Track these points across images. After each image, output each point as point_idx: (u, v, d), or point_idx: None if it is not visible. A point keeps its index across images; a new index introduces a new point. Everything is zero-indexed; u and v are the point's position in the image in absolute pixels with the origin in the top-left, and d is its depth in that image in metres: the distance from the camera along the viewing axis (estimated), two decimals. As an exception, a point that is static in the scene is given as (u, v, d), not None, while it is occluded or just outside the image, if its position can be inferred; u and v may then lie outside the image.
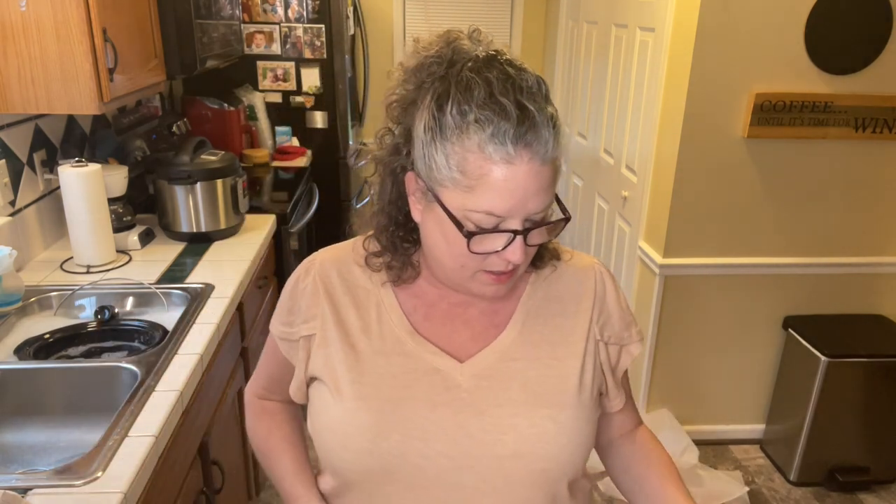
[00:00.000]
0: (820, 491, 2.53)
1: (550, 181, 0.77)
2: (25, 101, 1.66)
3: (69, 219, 1.85)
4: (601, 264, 0.98)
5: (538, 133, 0.73)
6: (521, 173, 0.74)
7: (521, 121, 0.73)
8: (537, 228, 0.79)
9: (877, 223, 2.50)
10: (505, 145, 0.73)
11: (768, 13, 2.18)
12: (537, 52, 4.43)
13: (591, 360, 0.92)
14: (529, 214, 0.77)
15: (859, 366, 2.39)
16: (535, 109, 0.73)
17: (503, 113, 0.73)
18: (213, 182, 2.13)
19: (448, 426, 0.84)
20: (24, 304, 1.66)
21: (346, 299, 0.91)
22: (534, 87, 0.75)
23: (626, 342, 0.96)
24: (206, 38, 2.37)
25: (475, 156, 0.74)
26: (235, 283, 1.85)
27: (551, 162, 0.76)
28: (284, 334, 0.95)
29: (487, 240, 0.78)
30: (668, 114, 2.42)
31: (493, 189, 0.74)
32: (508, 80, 0.74)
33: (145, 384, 1.35)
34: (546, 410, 0.86)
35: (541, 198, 0.76)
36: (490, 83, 0.74)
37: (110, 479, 1.09)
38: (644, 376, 2.67)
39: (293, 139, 3.47)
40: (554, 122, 0.75)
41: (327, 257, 0.96)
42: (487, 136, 0.73)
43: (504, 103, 0.73)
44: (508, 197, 0.75)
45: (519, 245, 0.78)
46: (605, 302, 0.95)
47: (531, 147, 0.73)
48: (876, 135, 2.34)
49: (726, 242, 2.48)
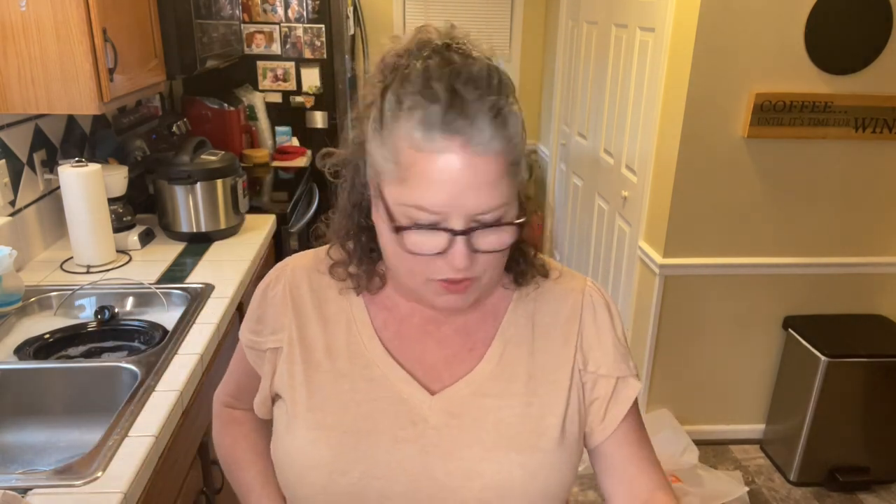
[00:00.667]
0: (820, 491, 2.53)
1: (495, 176, 0.69)
2: (25, 101, 1.66)
3: (69, 219, 1.85)
4: (595, 287, 0.89)
5: (471, 120, 0.67)
6: (452, 163, 0.67)
7: (449, 105, 0.66)
8: (485, 230, 0.71)
9: (877, 223, 2.50)
10: (432, 131, 0.67)
11: (768, 13, 2.18)
12: (537, 52, 4.43)
13: (576, 395, 0.84)
14: (473, 213, 0.69)
15: (859, 366, 2.39)
16: (470, 96, 0.67)
17: (433, 98, 0.67)
18: (213, 182, 2.13)
19: (411, 466, 0.78)
20: (24, 304, 1.66)
21: (315, 313, 0.86)
22: (479, 74, 0.68)
23: (623, 374, 0.86)
24: (206, 38, 2.37)
25: (405, 143, 0.68)
26: (235, 283, 1.85)
27: (495, 155, 0.68)
28: (252, 343, 0.91)
29: (426, 240, 0.71)
30: (668, 114, 2.42)
31: (422, 180, 0.68)
32: (447, 66, 0.68)
33: (145, 384, 1.35)
34: (517, 456, 0.78)
35: (482, 195, 0.68)
36: (428, 69, 0.69)
37: (110, 479, 1.09)
38: (644, 376, 2.67)
39: (293, 139, 3.47)
40: (497, 112, 0.68)
41: (299, 265, 0.90)
42: (416, 122, 0.67)
43: (436, 89, 0.67)
44: (438, 190, 0.68)
45: (460, 248, 0.70)
46: (594, 328, 0.86)
47: (462, 134, 0.66)
48: (876, 135, 2.34)
49: (726, 242, 2.48)
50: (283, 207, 2.59)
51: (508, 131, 0.69)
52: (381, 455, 0.79)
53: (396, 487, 0.78)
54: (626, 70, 2.80)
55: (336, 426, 0.80)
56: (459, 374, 0.82)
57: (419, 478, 0.78)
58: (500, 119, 0.68)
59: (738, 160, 2.37)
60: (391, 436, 0.79)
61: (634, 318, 2.72)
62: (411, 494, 0.78)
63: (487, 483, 0.78)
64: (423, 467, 0.78)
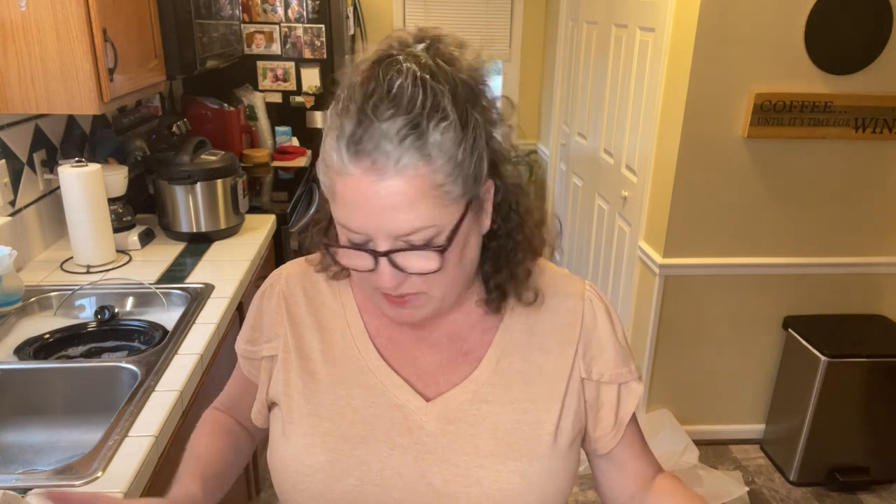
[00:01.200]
0: (820, 491, 2.53)
1: (412, 198, 0.66)
2: (25, 101, 1.66)
3: (69, 219, 1.85)
4: (593, 290, 0.87)
5: (376, 142, 0.65)
6: (361, 186, 0.66)
7: (356, 127, 0.66)
8: (407, 252, 0.69)
9: (877, 223, 2.50)
10: (340, 153, 0.67)
11: (768, 13, 2.18)
12: (537, 52, 4.43)
13: (573, 401, 0.83)
14: (393, 234, 0.68)
15: (859, 366, 2.39)
16: (379, 117, 0.65)
17: (346, 118, 0.67)
18: (213, 182, 2.13)
19: (407, 472, 0.77)
20: (24, 304, 1.66)
21: (310, 320, 0.86)
22: (398, 92, 0.65)
23: (626, 379, 0.85)
24: (206, 38, 2.37)
25: (327, 164, 0.70)
26: (235, 283, 1.85)
27: (407, 177, 0.65)
28: (247, 352, 0.91)
29: (354, 258, 0.72)
30: (668, 114, 2.42)
31: (342, 202, 0.69)
32: (370, 82, 0.67)
33: (145, 384, 1.35)
34: (514, 463, 0.78)
35: (398, 217, 0.66)
36: (352, 87, 0.68)
37: (110, 479, 1.09)
38: (644, 376, 2.67)
39: (293, 139, 3.47)
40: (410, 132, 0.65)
41: (294, 272, 0.90)
42: (332, 143, 0.68)
43: (350, 109, 0.66)
44: (353, 211, 0.68)
45: (385, 268, 0.69)
46: (594, 334, 0.85)
47: (368, 156, 0.65)
48: (876, 135, 2.34)
49: (726, 242, 2.48)
50: (283, 207, 2.59)
51: (427, 151, 0.65)
52: (377, 462, 0.78)
53: (393, 494, 0.77)
54: (626, 70, 2.80)
55: (332, 432, 0.79)
56: (455, 380, 0.82)
57: (416, 485, 0.77)
58: (415, 139, 0.65)
59: (738, 160, 2.37)
60: (388, 442, 0.79)
61: (634, 319, 2.72)
62: (407, 501, 0.78)
63: (485, 490, 0.77)
64: (419, 474, 0.78)
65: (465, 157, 0.68)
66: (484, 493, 0.77)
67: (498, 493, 0.77)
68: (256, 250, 2.11)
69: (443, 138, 0.66)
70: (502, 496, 0.77)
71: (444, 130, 0.66)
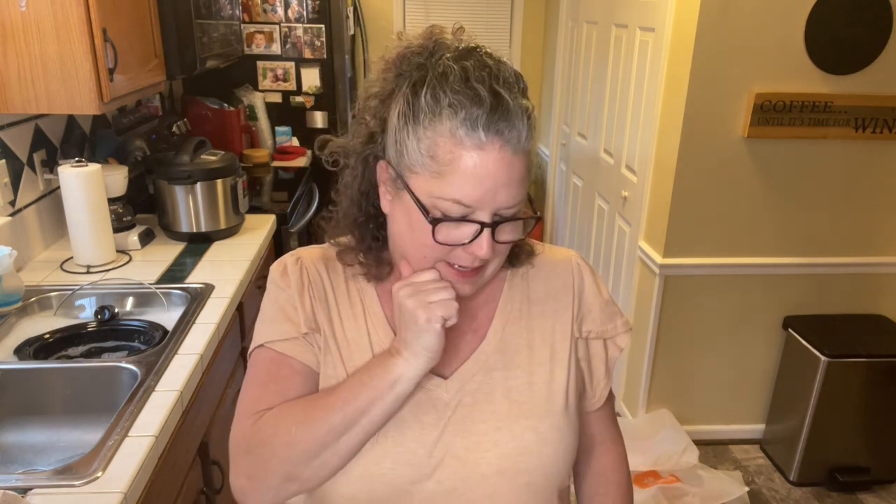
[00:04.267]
0: (820, 491, 2.53)
1: (522, 174, 0.75)
2: (25, 101, 1.66)
3: (69, 219, 1.85)
4: (578, 256, 0.96)
5: (511, 121, 0.72)
6: (492, 161, 0.72)
7: (494, 107, 0.71)
8: (507, 223, 0.76)
9: (877, 223, 2.50)
10: (476, 130, 0.71)
11: (768, 13, 2.18)
12: (537, 52, 4.43)
13: (574, 360, 0.90)
14: (499, 207, 0.74)
15: (859, 366, 2.39)
16: (509, 98, 0.72)
17: (477, 98, 0.71)
18: (213, 182, 2.13)
19: (436, 450, 0.82)
20: (24, 304, 1.66)
21: (334, 307, 0.87)
22: (510, 78, 0.74)
23: (611, 335, 0.93)
24: (206, 38, 2.37)
25: (446, 140, 0.72)
26: (235, 283, 1.85)
27: (524, 153, 0.74)
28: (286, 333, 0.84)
29: (454, 230, 0.76)
30: (668, 114, 2.42)
31: (462, 176, 0.72)
32: (485, 68, 0.73)
33: (145, 384, 1.35)
34: (527, 421, 0.84)
35: (512, 190, 0.74)
36: (466, 70, 0.73)
37: (110, 479, 1.09)
38: (644, 376, 2.67)
39: (293, 139, 3.47)
40: (528, 115, 0.74)
41: (313, 257, 0.89)
42: (459, 120, 0.71)
43: (478, 89, 0.72)
44: (478, 185, 0.72)
45: (486, 239, 0.75)
46: (583, 295, 0.92)
47: (503, 135, 0.72)
48: (876, 135, 2.34)
49: (726, 242, 2.48)
50: (283, 207, 2.59)
51: (534, 133, 0.75)
52: (409, 442, 0.82)
53: (424, 470, 0.81)
54: (626, 70, 2.80)
55: None
56: (465, 354, 0.87)
57: (443, 458, 0.82)
58: (531, 121, 0.74)
59: (738, 160, 2.37)
60: (417, 422, 0.83)
61: (634, 318, 2.72)
62: (437, 477, 0.81)
63: (503, 451, 0.82)
64: (446, 448, 0.82)
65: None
66: (503, 454, 0.82)
67: (514, 451, 0.82)
68: (256, 250, 2.11)
69: (533, 122, 0.75)
70: (518, 454, 0.82)
71: (533, 115, 0.75)
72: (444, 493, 0.82)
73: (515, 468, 0.82)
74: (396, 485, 0.81)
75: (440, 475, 0.82)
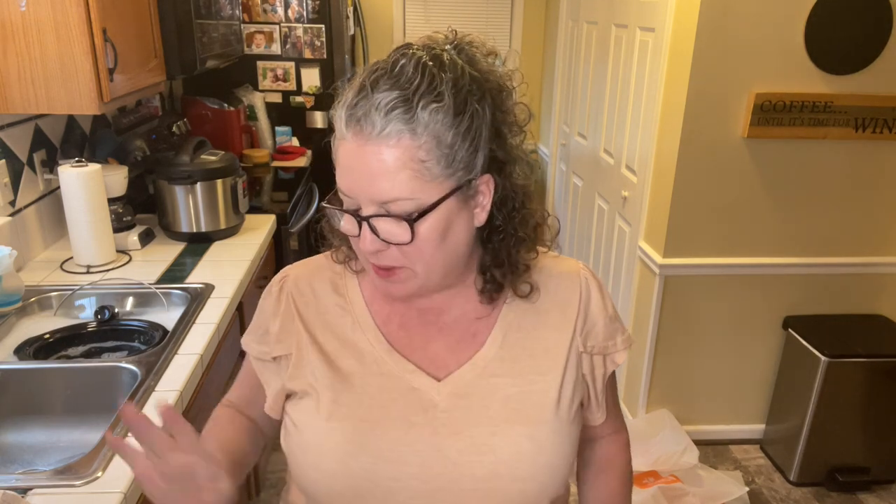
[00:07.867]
0: (820, 491, 2.53)
1: (392, 167, 0.72)
2: (25, 101, 1.66)
3: (69, 219, 1.85)
4: (587, 269, 0.94)
5: (367, 110, 0.72)
6: (352, 151, 0.74)
7: (355, 97, 0.73)
8: (382, 219, 0.74)
9: (877, 223, 2.50)
10: (342, 120, 0.74)
11: (768, 13, 2.18)
12: (537, 52, 4.43)
13: (574, 372, 0.88)
14: (376, 200, 0.74)
15: (859, 366, 2.39)
16: (376, 89, 0.72)
17: (351, 89, 0.75)
18: (213, 182, 2.13)
19: (423, 448, 0.82)
20: (24, 304, 1.66)
21: (320, 319, 0.89)
22: (402, 70, 0.73)
23: (610, 351, 0.92)
24: (206, 38, 2.37)
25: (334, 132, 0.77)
26: (235, 283, 1.85)
27: (389, 146, 0.71)
28: (259, 353, 0.92)
29: (343, 221, 0.79)
30: (668, 114, 2.42)
31: (339, 166, 0.76)
32: (386, 63, 0.75)
33: (145, 384, 1.35)
34: (523, 428, 0.83)
35: (380, 183, 0.72)
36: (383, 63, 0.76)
37: (110, 479, 1.09)
38: (644, 376, 2.67)
39: (293, 139, 3.47)
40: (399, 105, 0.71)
41: (300, 273, 0.93)
42: (341, 110, 0.75)
43: (355, 82, 0.75)
44: (346, 174, 0.75)
45: (366, 232, 0.75)
46: (589, 310, 0.91)
47: (359, 124, 0.72)
48: (876, 135, 2.34)
49: (726, 242, 2.48)
50: (283, 207, 2.59)
51: (413, 126, 0.71)
52: (392, 441, 0.82)
53: (407, 469, 0.81)
54: (626, 70, 2.80)
55: (350, 416, 0.83)
56: (463, 359, 0.86)
57: (430, 458, 0.81)
58: (402, 112, 0.71)
59: (738, 160, 2.37)
60: (403, 421, 0.82)
61: (634, 318, 2.72)
62: (422, 475, 0.81)
63: (499, 457, 0.81)
64: (434, 449, 0.82)
65: (456, 143, 0.74)
66: (498, 460, 0.81)
67: (511, 457, 0.81)
68: (256, 250, 2.11)
69: (430, 118, 0.72)
70: (515, 460, 0.81)
71: (434, 111, 0.72)
72: (429, 492, 0.81)
73: (511, 474, 0.81)
74: (377, 481, 0.81)
75: (426, 475, 0.81)
